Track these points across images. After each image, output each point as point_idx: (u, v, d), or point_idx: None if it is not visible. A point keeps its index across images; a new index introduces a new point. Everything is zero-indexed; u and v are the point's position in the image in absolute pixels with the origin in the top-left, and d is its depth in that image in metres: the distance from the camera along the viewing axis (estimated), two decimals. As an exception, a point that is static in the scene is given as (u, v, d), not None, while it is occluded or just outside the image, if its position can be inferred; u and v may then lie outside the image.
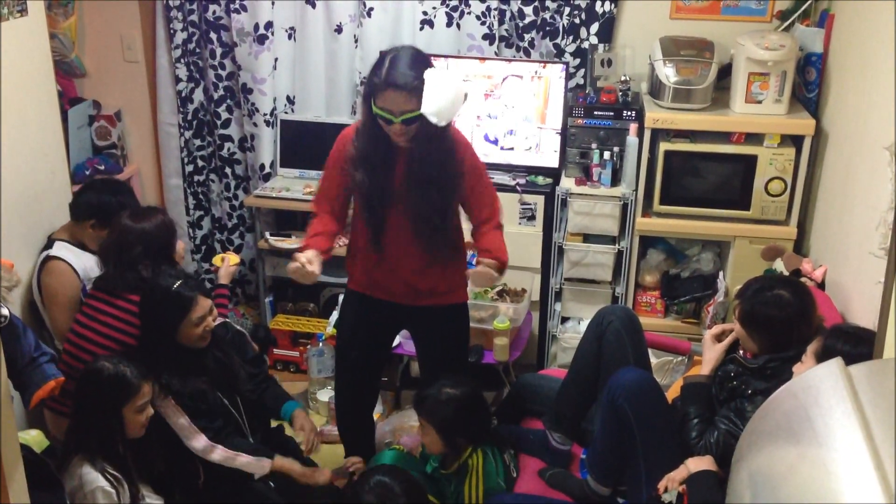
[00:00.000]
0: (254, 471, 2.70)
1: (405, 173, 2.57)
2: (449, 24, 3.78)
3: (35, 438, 2.63)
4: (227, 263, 3.29)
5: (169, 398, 2.64)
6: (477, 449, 2.70)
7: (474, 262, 2.66)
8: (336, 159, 2.66)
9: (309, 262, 2.49)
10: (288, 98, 4.06)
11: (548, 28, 3.72)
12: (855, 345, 2.09)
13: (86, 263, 3.04)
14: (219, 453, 2.67)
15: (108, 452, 2.43)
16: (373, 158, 2.56)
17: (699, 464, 2.28)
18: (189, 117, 4.12)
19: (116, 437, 2.44)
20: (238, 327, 3.04)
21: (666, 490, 2.28)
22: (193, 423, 2.66)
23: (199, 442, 2.66)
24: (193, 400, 2.68)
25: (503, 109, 3.66)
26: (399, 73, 2.40)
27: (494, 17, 3.73)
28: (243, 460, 2.69)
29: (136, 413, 2.47)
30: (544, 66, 3.60)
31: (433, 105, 2.38)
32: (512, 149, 3.70)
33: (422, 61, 2.46)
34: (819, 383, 1.12)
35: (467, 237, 2.77)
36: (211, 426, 2.70)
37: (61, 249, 3.04)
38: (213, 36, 3.95)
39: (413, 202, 2.57)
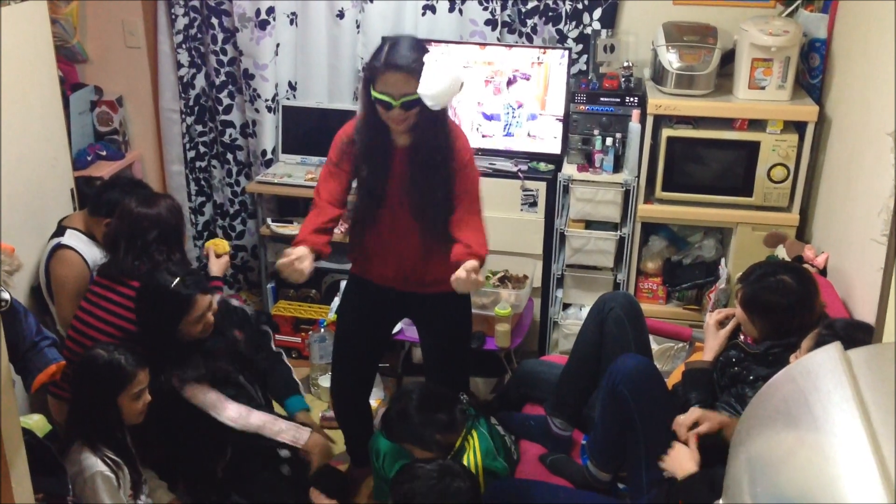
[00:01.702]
0: (291, 438, 2.67)
1: (406, 161, 2.56)
2: (451, 10, 3.76)
3: (37, 423, 2.65)
4: (213, 253, 3.19)
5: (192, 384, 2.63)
6: (469, 433, 2.69)
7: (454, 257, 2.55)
8: (336, 153, 2.65)
9: (298, 259, 2.44)
10: (290, 84, 4.05)
11: (550, 13, 3.70)
12: (849, 342, 2.08)
13: (96, 254, 3.04)
14: (257, 416, 2.63)
15: (106, 438, 2.44)
16: (373, 149, 2.56)
17: (707, 414, 2.31)
18: (191, 103, 4.12)
19: (114, 424, 2.45)
20: (236, 303, 3.04)
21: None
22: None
23: (232, 411, 2.62)
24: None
25: (505, 98, 3.65)
26: (399, 55, 2.41)
27: (497, 3, 3.71)
28: (283, 425, 2.68)
29: (132, 400, 2.47)
30: (544, 52, 3.59)
31: (430, 87, 2.39)
32: (513, 135, 3.69)
33: (422, 48, 2.47)
34: (818, 368, 1.12)
35: None
36: (235, 395, 2.69)
37: (72, 238, 3.03)
38: (214, 21, 3.93)
39: (414, 190, 2.57)
